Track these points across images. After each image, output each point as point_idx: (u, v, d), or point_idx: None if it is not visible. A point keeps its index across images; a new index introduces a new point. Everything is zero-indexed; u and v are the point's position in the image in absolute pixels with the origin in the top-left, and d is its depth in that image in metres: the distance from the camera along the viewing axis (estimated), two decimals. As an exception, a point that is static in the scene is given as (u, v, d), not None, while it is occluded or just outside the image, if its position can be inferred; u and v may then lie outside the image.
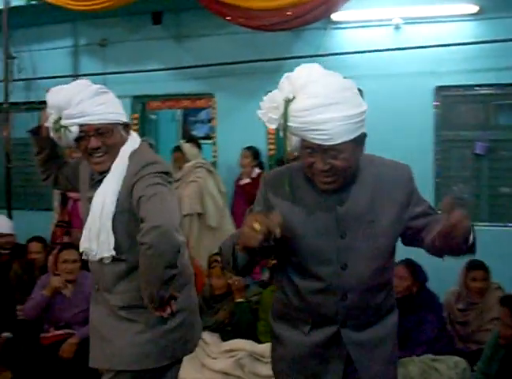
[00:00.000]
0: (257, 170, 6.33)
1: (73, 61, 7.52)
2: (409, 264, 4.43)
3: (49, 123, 2.54)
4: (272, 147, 6.69)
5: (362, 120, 1.86)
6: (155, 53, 7.01)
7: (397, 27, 6.09)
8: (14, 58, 7.15)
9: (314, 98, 1.80)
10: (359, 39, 6.23)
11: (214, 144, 6.94)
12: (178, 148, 6.30)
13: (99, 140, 2.46)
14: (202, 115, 9.28)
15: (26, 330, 4.68)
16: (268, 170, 6.60)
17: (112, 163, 2.48)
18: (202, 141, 6.76)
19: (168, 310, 2.39)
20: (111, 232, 2.40)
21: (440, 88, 6.06)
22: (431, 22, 5.98)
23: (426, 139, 6.06)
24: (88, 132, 2.45)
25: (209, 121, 7.69)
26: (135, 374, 2.45)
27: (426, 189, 5.95)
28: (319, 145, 1.85)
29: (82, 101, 2.42)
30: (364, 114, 1.87)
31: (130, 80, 7.00)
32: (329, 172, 1.90)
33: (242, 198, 6.36)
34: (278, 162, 6.62)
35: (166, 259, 2.24)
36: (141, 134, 7.26)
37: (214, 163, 6.74)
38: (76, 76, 7.30)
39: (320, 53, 6.19)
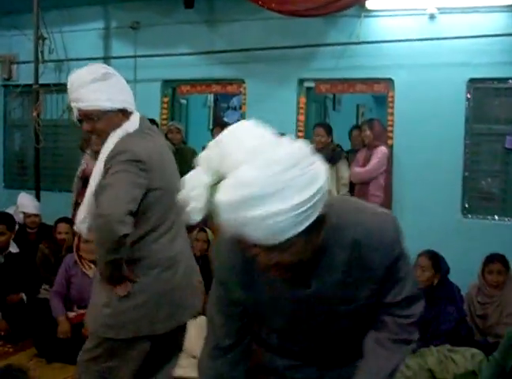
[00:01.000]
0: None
1: (104, 43, 7.54)
2: (432, 255, 4.45)
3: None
4: (301, 134, 6.65)
5: (317, 201, 1.34)
6: (186, 37, 6.99)
7: (432, 16, 5.99)
8: (45, 39, 7.17)
9: (248, 187, 1.28)
10: (393, 28, 6.15)
11: (243, 130, 6.91)
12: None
13: (89, 125, 2.67)
14: (234, 102, 9.27)
15: (50, 309, 4.76)
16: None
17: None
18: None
19: (123, 289, 2.64)
20: (84, 208, 2.69)
21: (473, 81, 5.96)
22: (467, 12, 5.88)
23: (456, 131, 5.97)
24: (81, 116, 2.67)
25: (241, 107, 7.67)
26: (101, 340, 2.70)
27: (454, 182, 5.92)
28: None
29: (79, 87, 2.60)
30: (321, 191, 1.34)
31: (161, 63, 7.01)
32: (276, 267, 1.43)
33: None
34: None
35: (105, 245, 2.50)
36: (171, 118, 7.31)
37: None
38: (106, 59, 7.34)
39: (352, 41, 6.15)
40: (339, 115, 9.06)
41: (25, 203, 6.14)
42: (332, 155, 6.16)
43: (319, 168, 1.36)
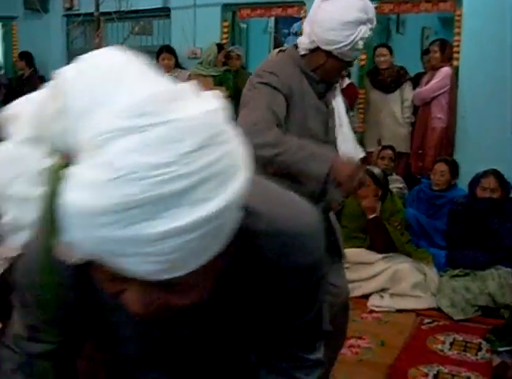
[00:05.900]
0: (347, 81, 6.24)
1: (162, -32, 7.44)
2: (498, 174, 4.49)
3: None
4: (363, 57, 6.50)
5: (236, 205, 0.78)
6: (246, -42, 6.84)
7: None
8: (104, -34, 7.13)
9: (123, 186, 0.69)
10: None
11: (305, 54, 6.82)
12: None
13: None
14: (295, 27, 9.14)
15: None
16: (356, 81, 6.47)
17: None
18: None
19: None
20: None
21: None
22: None
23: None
24: None
25: (301, 33, 7.54)
26: None
27: (504, 87, 5.70)
28: None
29: None
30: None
31: (220, -13, 6.90)
32: (157, 311, 0.85)
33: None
34: (369, 73, 6.48)
35: None
36: (231, 43, 7.25)
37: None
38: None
39: None
40: (403, 38, 8.83)
41: None
42: (396, 77, 6.13)
43: (234, 142, 0.79)
